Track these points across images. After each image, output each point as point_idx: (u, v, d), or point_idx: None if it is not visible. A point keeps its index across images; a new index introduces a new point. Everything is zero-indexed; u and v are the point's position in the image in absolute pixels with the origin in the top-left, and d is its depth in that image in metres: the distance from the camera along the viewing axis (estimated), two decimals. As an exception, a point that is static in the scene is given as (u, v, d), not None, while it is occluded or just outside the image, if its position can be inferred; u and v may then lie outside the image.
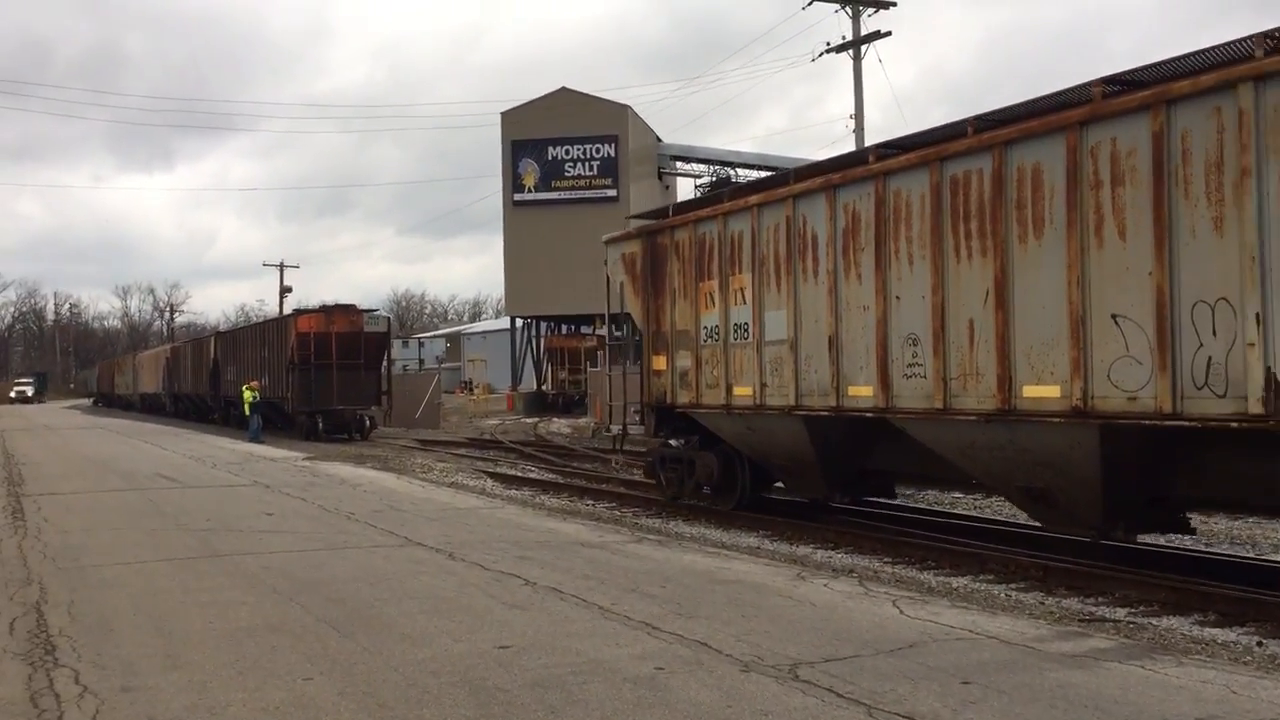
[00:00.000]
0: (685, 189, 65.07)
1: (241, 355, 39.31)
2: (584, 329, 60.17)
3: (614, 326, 15.12)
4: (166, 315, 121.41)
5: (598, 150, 60.35)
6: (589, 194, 59.80)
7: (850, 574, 9.72)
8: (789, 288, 11.96)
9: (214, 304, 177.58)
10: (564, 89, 61.26)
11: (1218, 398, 8.10)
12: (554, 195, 59.82)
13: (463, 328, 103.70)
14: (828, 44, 32.52)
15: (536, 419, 44.37)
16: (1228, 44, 8.31)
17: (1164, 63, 8.74)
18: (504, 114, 60.92)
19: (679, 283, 13.76)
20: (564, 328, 62.97)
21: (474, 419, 45.90)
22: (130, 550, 10.32)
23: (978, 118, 10.16)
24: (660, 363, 14.11)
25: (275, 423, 34.45)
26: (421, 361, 55.35)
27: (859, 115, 32.00)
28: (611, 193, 59.39)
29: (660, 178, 65.95)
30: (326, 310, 34.05)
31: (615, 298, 14.98)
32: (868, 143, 30.34)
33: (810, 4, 32.29)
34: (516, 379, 61.92)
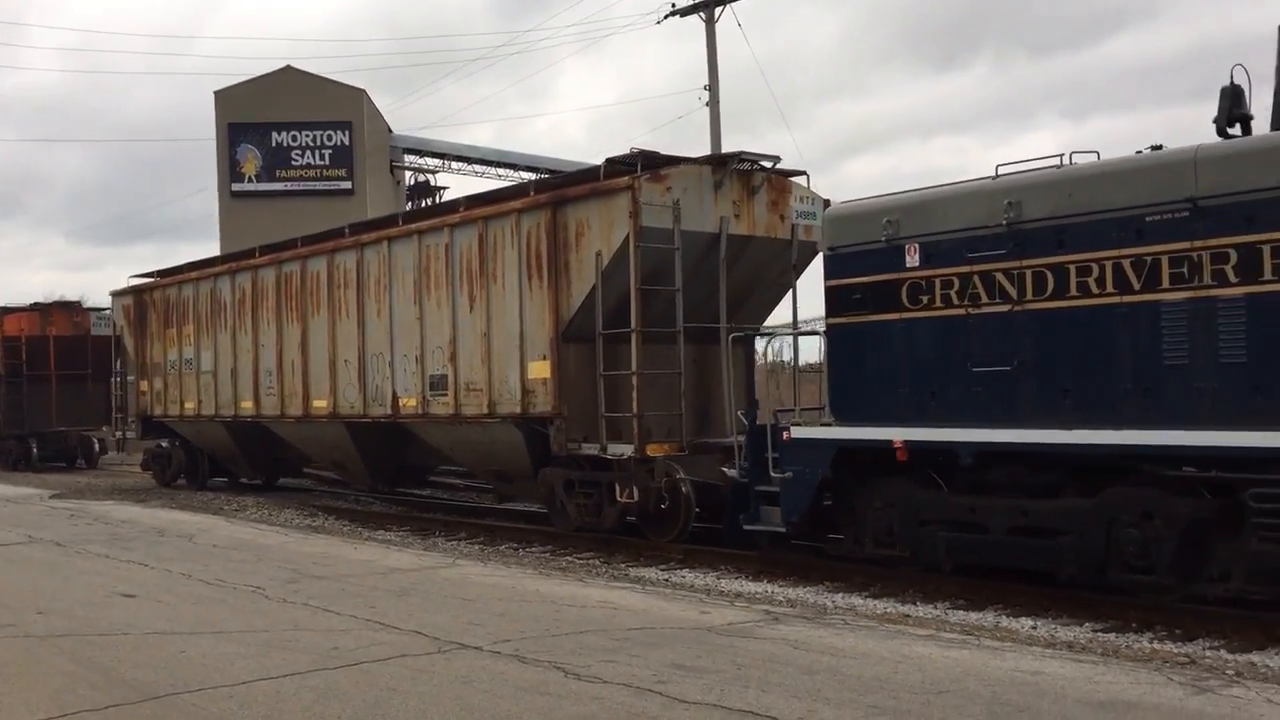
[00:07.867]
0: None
1: (-88, 365, 30.41)
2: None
3: (118, 359, 20.95)
4: None
5: (329, 138, 54.41)
6: (320, 185, 54.12)
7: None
8: (213, 335, 18.15)
9: None
10: (289, 67, 54.45)
11: (380, 406, 14.73)
12: (279, 186, 54.23)
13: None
14: (673, 4, 29.71)
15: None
16: (387, 218, 14.92)
17: (361, 223, 15.38)
18: (218, 93, 53.31)
19: (156, 328, 19.84)
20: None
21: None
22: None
23: (314, 235, 16.58)
24: (145, 386, 20.24)
25: None
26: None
27: (713, 86, 29.47)
28: (346, 185, 53.99)
29: (392, 172, 67.39)
30: (42, 309, 28.23)
31: (121, 337, 20.84)
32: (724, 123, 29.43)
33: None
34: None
